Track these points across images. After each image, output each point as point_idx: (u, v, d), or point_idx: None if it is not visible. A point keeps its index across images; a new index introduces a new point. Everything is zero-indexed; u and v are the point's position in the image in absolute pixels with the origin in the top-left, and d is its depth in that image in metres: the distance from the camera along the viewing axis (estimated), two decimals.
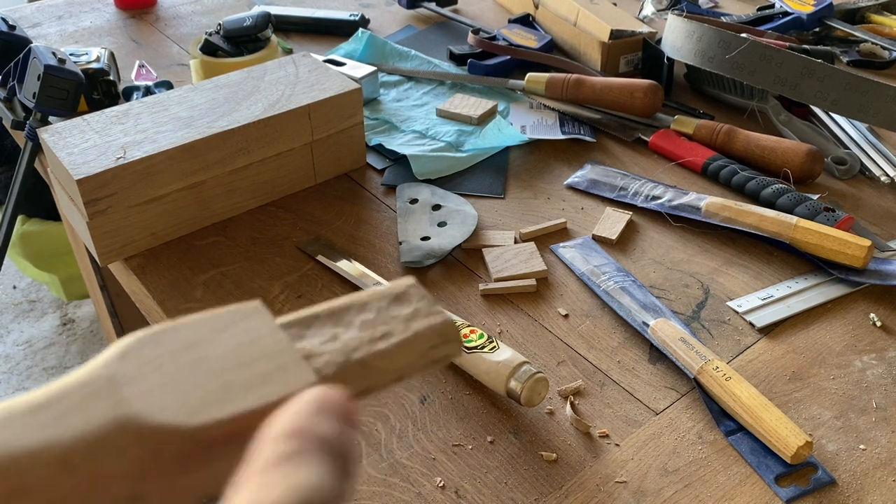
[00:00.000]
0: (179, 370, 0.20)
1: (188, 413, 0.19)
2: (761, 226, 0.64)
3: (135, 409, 0.19)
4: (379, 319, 0.24)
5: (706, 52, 0.79)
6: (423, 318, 0.24)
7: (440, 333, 0.24)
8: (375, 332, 0.23)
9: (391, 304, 0.24)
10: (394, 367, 0.23)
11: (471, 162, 0.75)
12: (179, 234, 0.65)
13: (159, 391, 0.19)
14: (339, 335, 0.23)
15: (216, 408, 0.19)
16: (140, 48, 0.97)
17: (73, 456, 0.18)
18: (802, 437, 0.46)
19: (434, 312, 0.24)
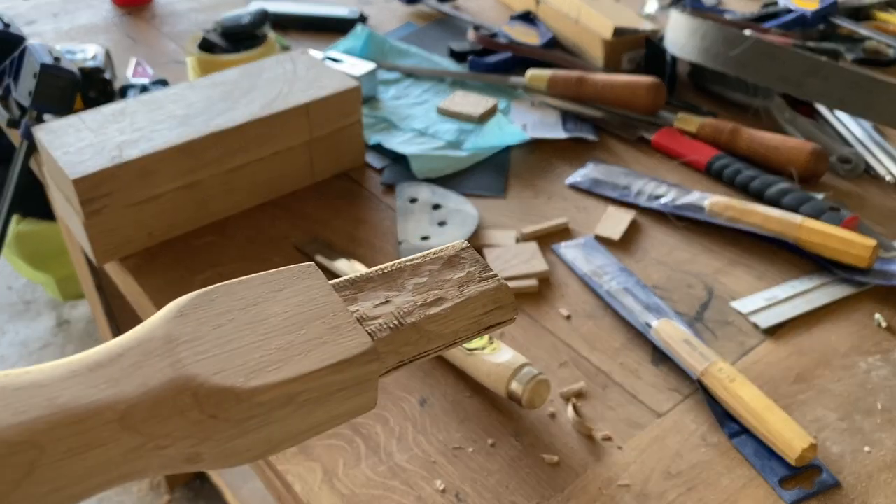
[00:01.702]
0: (237, 330, 0.20)
1: (246, 375, 0.19)
2: (766, 225, 0.63)
3: (192, 370, 0.18)
4: (432, 283, 0.24)
5: (710, 49, 0.79)
6: (476, 283, 0.24)
7: (494, 299, 0.24)
8: (428, 297, 0.23)
9: (444, 268, 0.24)
10: (447, 332, 0.23)
11: (471, 161, 0.75)
12: (176, 233, 0.64)
13: (217, 352, 0.19)
14: (392, 298, 0.23)
15: (273, 370, 0.19)
16: (136, 46, 0.96)
17: (133, 416, 0.18)
18: (807, 440, 0.46)
19: (488, 277, 0.24)
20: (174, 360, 0.19)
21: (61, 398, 0.17)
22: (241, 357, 0.19)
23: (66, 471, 0.17)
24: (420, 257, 0.24)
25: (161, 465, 0.18)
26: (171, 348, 0.19)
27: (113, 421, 0.17)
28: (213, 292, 0.21)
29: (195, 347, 0.19)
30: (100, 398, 0.17)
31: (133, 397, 0.18)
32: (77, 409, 0.17)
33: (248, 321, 0.20)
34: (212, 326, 0.20)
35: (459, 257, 0.25)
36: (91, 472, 0.17)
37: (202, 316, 0.20)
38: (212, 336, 0.20)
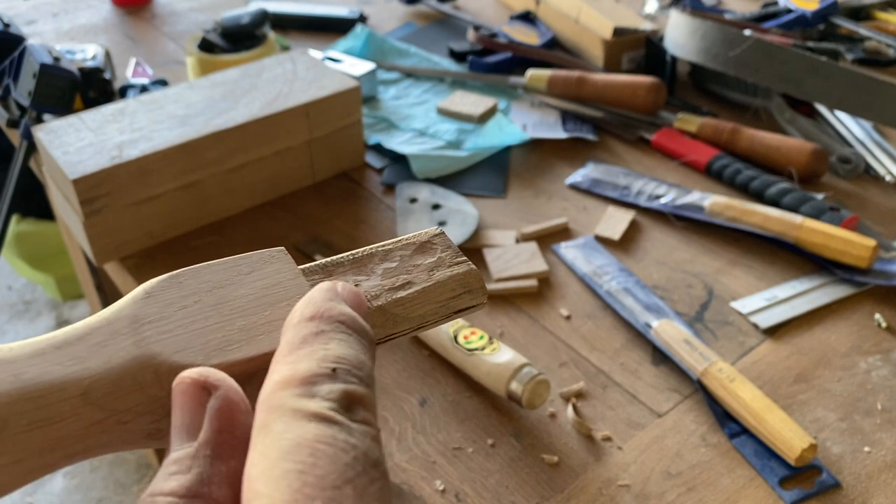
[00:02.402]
0: (201, 311, 0.21)
1: (206, 354, 0.20)
2: (766, 225, 0.63)
3: (154, 349, 0.19)
4: (401, 268, 0.24)
5: (710, 49, 0.79)
6: (445, 268, 0.24)
7: (462, 283, 0.24)
8: (397, 281, 0.24)
9: (415, 254, 0.25)
10: (413, 315, 0.23)
11: (471, 161, 0.74)
12: (176, 233, 0.64)
13: (180, 331, 0.20)
14: (361, 283, 0.23)
15: (233, 350, 0.20)
16: (136, 45, 0.96)
17: (95, 391, 0.18)
18: (807, 440, 0.46)
19: (458, 262, 0.24)
20: (138, 339, 0.20)
21: (26, 374, 0.18)
22: (204, 336, 0.20)
23: (28, 443, 0.17)
24: (392, 243, 0.25)
25: (123, 439, 0.19)
26: (137, 328, 0.20)
27: (76, 396, 0.18)
28: (181, 275, 0.22)
29: (159, 327, 0.20)
30: (64, 374, 0.18)
31: (96, 374, 0.19)
32: (40, 385, 0.18)
33: (213, 303, 0.21)
34: (177, 308, 0.21)
35: (431, 243, 0.25)
36: (54, 445, 0.18)
37: (169, 297, 0.21)
38: (177, 316, 0.20)
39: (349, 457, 0.16)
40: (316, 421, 0.16)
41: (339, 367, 0.18)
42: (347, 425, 0.17)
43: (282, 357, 0.18)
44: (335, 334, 0.19)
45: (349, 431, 0.17)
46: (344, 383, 0.18)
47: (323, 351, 0.18)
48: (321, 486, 0.15)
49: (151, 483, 0.17)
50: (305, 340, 0.18)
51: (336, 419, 0.17)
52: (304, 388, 0.17)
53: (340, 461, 0.16)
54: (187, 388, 0.18)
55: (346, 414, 0.17)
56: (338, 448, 0.16)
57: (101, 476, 1.34)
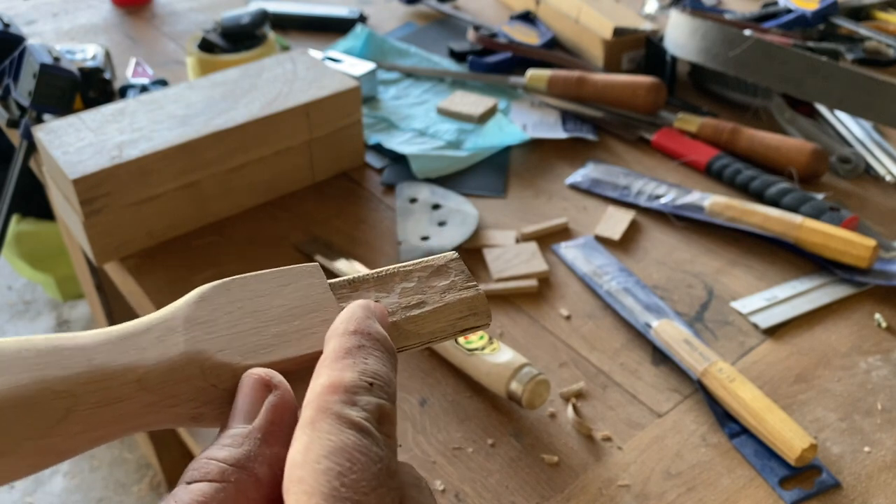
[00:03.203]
0: (243, 317, 0.24)
1: (243, 354, 0.23)
2: (766, 225, 0.63)
3: (201, 347, 0.23)
4: (417, 288, 0.27)
5: (710, 49, 0.79)
6: (457, 291, 0.27)
7: (470, 306, 0.27)
8: (412, 300, 0.26)
9: (431, 276, 0.27)
10: (423, 332, 0.26)
11: (471, 161, 0.74)
12: (176, 233, 0.64)
13: (223, 333, 0.23)
14: (381, 299, 0.26)
15: (266, 353, 0.23)
16: (136, 45, 0.96)
17: (150, 379, 0.22)
18: (807, 440, 0.46)
19: (468, 287, 0.27)
20: (189, 338, 0.23)
21: (96, 360, 0.22)
22: (242, 339, 0.24)
23: (95, 417, 0.21)
24: (413, 264, 0.28)
25: (171, 419, 0.22)
26: (189, 327, 0.23)
27: (133, 381, 0.22)
28: (230, 283, 0.25)
29: (207, 328, 0.23)
30: (126, 362, 0.22)
31: (151, 364, 0.22)
32: (107, 370, 0.22)
33: (253, 310, 0.25)
34: (223, 312, 0.24)
35: (448, 267, 0.28)
36: (114, 420, 0.22)
37: (217, 302, 0.24)
38: (222, 320, 0.24)
39: (377, 468, 0.19)
40: (356, 430, 0.19)
41: (375, 382, 0.21)
42: (378, 437, 0.20)
43: (329, 363, 0.21)
44: (373, 351, 0.22)
45: (378, 443, 0.19)
46: (378, 398, 0.20)
47: (363, 364, 0.21)
48: (354, 488, 0.18)
49: (207, 449, 0.21)
50: (349, 352, 0.22)
51: (371, 431, 0.19)
52: (348, 396, 0.20)
53: (370, 471, 0.19)
54: (254, 382, 0.22)
55: (377, 426, 0.20)
56: (370, 458, 0.19)
57: (101, 476, 1.34)
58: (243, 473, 0.20)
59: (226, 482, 0.20)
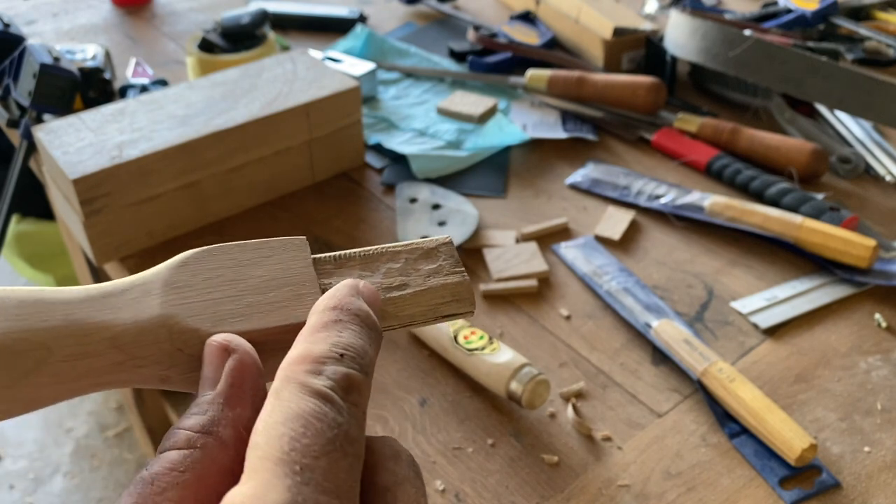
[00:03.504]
0: (220, 285, 0.24)
1: (213, 322, 0.23)
2: (766, 225, 0.63)
3: (173, 311, 0.23)
4: (402, 270, 0.26)
5: (710, 49, 0.79)
6: (441, 276, 0.26)
7: (453, 292, 0.26)
8: (394, 281, 0.26)
9: (419, 258, 0.27)
10: (403, 315, 0.26)
11: (471, 161, 0.74)
12: (176, 233, 0.64)
13: (197, 299, 0.24)
14: (365, 278, 0.26)
15: (235, 322, 0.23)
16: (136, 45, 0.96)
17: (122, 337, 0.22)
18: (807, 440, 0.46)
19: (454, 273, 0.27)
20: (163, 301, 0.23)
21: (74, 315, 0.22)
22: (215, 307, 0.24)
23: (65, 371, 0.22)
24: (402, 245, 0.27)
25: (139, 380, 0.23)
26: (165, 291, 0.23)
27: (106, 339, 0.22)
28: (214, 250, 0.25)
29: (183, 293, 0.24)
30: (102, 320, 0.22)
31: (125, 324, 0.23)
32: (82, 325, 0.22)
33: (231, 278, 0.25)
34: (202, 278, 0.24)
35: (437, 250, 0.27)
36: (83, 374, 0.22)
37: (198, 268, 0.24)
38: (199, 286, 0.24)
39: (332, 433, 0.19)
40: (316, 397, 0.20)
41: (346, 353, 0.21)
42: (340, 405, 0.20)
43: (303, 337, 0.22)
44: (350, 325, 0.22)
45: (339, 410, 0.20)
46: (347, 367, 0.21)
47: (336, 337, 0.22)
48: (304, 452, 0.19)
49: (179, 420, 0.21)
50: (325, 326, 0.22)
51: (332, 398, 0.20)
52: (314, 366, 0.21)
53: (324, 436, 0.19)
54: (215, 349, 0.22)
55: (342, 394, 0.20)
56: (325, 424, 0.19)
57: (101, 476, 1.34)
58: (209, 438, 0.21)
59: (192, 448, 0.20)
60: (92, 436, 1.41)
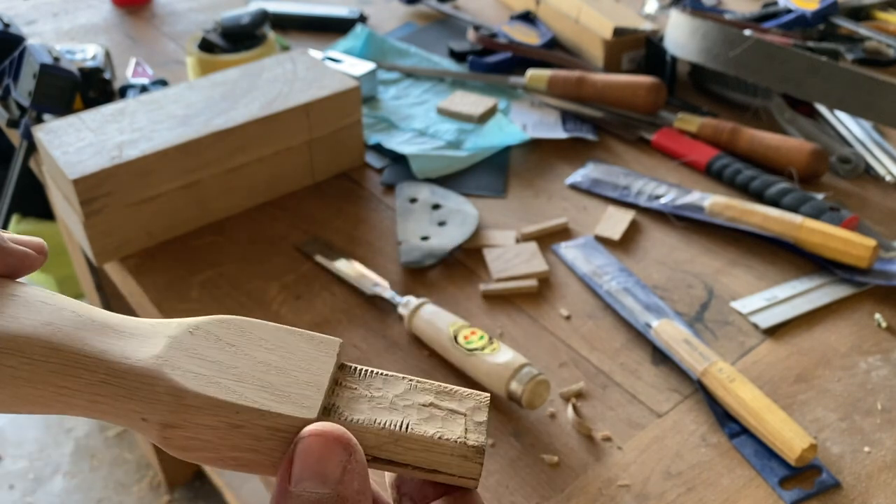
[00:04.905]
0: (230, 353, 0.24)
1: (195, 381, 0.23)
2: (766, 225, 0.63)
3: (161, 363, 0.23)
4: (422, 410, 0.24)
5: (710, 49, 0.79)
6: (461, 433, 0.24)
7: (464, 454, 0.23)
8: (408, 420, 0.23)
9: (447, 403, 0.24)
10: (400, 458, 0.23)
11: (471, 161, 0.74)
12: (176, 233, 0.64)
13: (192, 359, 0.23)
14: (380, 404, 0.24)
15: (211, 388, 0.22)
16: (136, 45, 0.96)
17: (114, 371, 0.22)
18: (807, 440, 0.46)
19: (476, 432, 0.24)
20: (158, 355, 0.23)
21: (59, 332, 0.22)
22: (208, 369, 0.23)
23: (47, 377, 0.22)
24: (435, 385, 0.25)
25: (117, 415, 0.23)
26: (167, 348, 0.23)
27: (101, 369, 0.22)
28: (248, 324, 0.24)
29: (183, 356, 0.23)
30: (100, 349, 0.22)
31: (116, 362, 0.22)
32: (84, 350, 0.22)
33: (245, 353, 0.24)
34: (217, 345, 0.24)
35: (469, 400, 0.25)
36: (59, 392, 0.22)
37: (218, 333, 0.24)
38: (209, 351, 0.23)
39: None
40: None
41: None
42: None
43: None
44: None
45: None
46: None
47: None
48: None
49: None
50: None
51: None
52: None
53: None
54: (332, 440, 0.21)
55: None
56: None
57: (101, 476, 1.34)
58: None
59: None
60: (92, 436, 1.41)
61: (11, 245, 0.24)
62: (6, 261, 0.24)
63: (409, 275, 0.61)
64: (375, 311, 0.58)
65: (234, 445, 0.22)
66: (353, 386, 0.24)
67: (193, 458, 0.23)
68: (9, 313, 0.22)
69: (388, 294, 0.58)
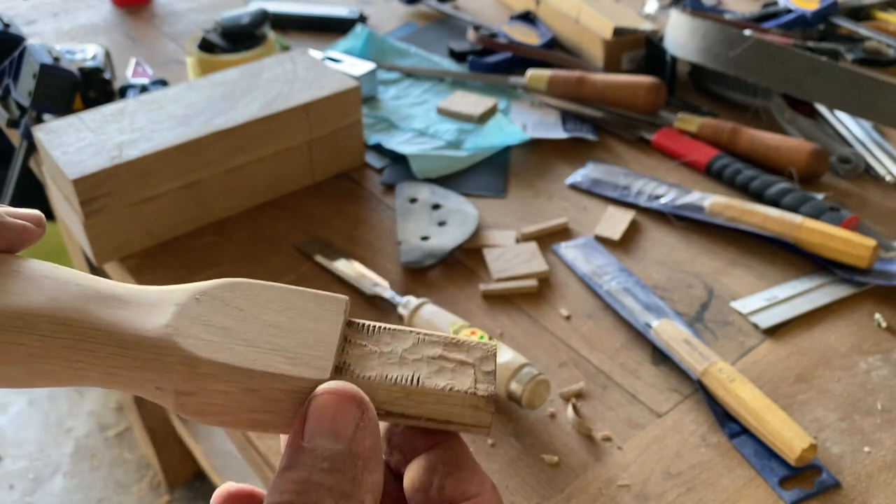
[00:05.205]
0: (239, 317, 0.23)
1: (207, 348, 0.22)
2: (766, 225, 0.63)
3: (171, 332, 0.23)
4: (432, 363, 0.24)
5: (710, 49, 0.79)
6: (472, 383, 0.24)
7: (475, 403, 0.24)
8: (419, 373, 0.24)
9: (456, 354, 0.25)
10: (413, 412, 0.24)
11: (471, 161, 0.74)
12: (176, 233, 0.64)
13: (201, 326, 0.23)
14: (388, 360, 0.24)
15: (224, 354, 0.22)
16: (136, 45, 0.96)
17: (126, 343, 0.22)
18: (807, 440, 0.46)
19: (485, 382, 0.24)
20: (167, 323, 0.23)
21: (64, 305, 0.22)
22: (218, 335, 0.23)
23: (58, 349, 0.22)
24: (442, 336, 0.25)
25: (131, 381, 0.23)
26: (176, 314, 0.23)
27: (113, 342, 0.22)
28: (252, 285, 0.24)
29: (194, 322, 0.23)
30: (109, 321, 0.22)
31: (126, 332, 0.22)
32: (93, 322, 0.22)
33: (254, 315, 0.24)
34: (225, 309, 0.24)
35: (477, 350, 0.25)
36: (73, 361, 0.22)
37: (225, 297, 0.24)
38: (218, 316, 0.23)
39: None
40: None
41: None
42: None
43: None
44: None
45: None
46: None
47: None
48: None
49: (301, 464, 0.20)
50: None
51: None
52: None
53: None
54: (345, 398, 0.21)
55: None
56: None
57: (101, 476, 1.34)
58: (353, 503, 0.20)
59: None
60: (92, 436, 1.41)
61: (8, 219, 0.23)
62: (4, 235, 0.23)
63: (409, 275, 0.61)
64: (375, 311, 0.58)
65: (249, 408, 0.23)
66: (363, 342, 0.24)
67: (209, 421, 0.23)
68: (14, 290, 0.22)
69: (387, 294, 0.58)
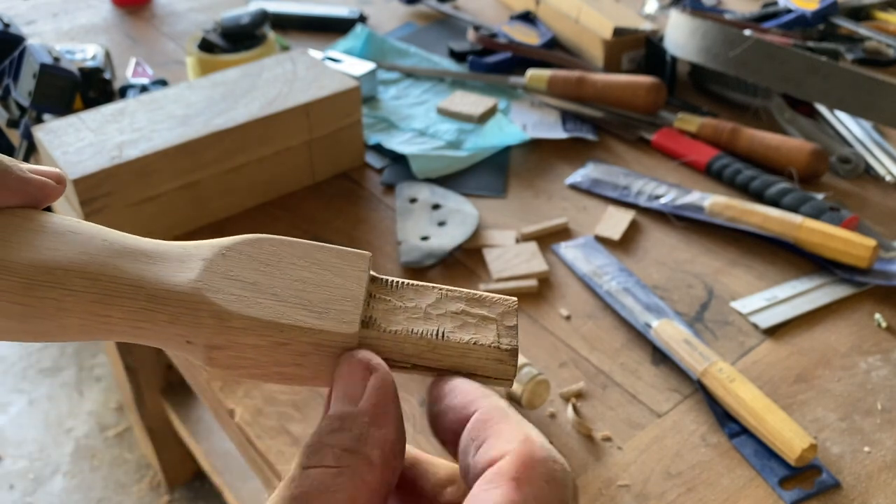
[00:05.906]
0: (265, 272, 0.24)
1: (237, 303, 0.23)
2: (766, 225, 0.63)
3: (201, 286, 0.23)
4: (455, 317, 0.25)
5: (710, 49, 0.79)
6: (494, 336, 0.25)
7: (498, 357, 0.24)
8: (443, 328, 0.24)
9: (478, 310, 0.25)
10: (438, 363, 0.24)
11: (471, 161, 0.74)
12: (176, 233, 0.64)
13: (229, 281, 0.23)
14: (414, 314, 0.24)
15: (254, 308, 0.23)
16: (136, 45, 0.96)
17: (155, 298, 0.23)
18: (807, 440, 0.46)
19: (508, 336, 0.25)
20: (195, 278, 0.23)
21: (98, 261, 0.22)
22: (246, 290, 0.23)
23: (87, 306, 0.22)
24: (465, 292, 0.26)
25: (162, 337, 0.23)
26: (204, 269, 0.23)
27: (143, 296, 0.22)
28: (280, 241, 0.25)
29: (220, 274, 0.23)
30: (140, 276, 0.23)
31: (157, 286, 0.23)
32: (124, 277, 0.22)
33: (281, 270, 0.24)
34: (251, 263, 0.24)
35: (498, 305, 0.26)
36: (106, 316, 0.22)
37: (252, 252, 0.24)
38: (244, 270, 0.24)
39: None
40: None
41: None
42: None
43: None
44: None
45: None
46: None
47: None
48: None
49: (320, 432, 0.21)
50: None
51: None
52: None
53: None
54: (355, 365, 0.23)
55: None
56: None
57: (101, 476, 1.34)
58: (358, 457, 0.21)
59: (342, 467, 0.20)
60: (92, 436, 1.41)
61: (31, 175, 0.24)
62: (27, 190, 0.23)
63: (409, 275, 0.61)
64: None
65: (278, 361, 0.23)
66: (387, 297, 0.25)
67: (238, 375, 0.24)
68: (43, 245, 0.22)
69: None
